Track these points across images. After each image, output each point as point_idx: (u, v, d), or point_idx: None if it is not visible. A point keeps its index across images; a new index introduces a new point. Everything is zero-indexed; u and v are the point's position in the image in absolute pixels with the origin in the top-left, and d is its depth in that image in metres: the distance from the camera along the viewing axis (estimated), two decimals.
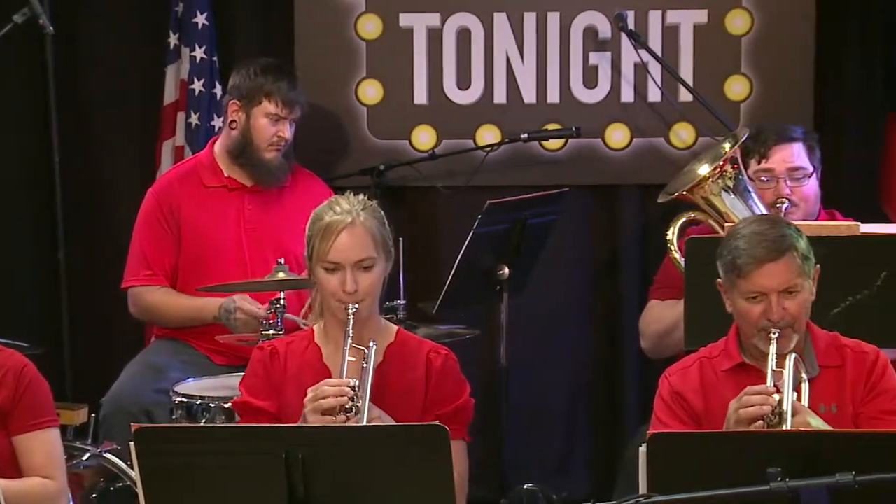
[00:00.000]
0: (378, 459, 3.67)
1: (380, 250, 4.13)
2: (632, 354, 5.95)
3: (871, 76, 6.10)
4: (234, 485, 3.67)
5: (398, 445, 3.69)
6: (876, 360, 4.15)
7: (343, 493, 3.65)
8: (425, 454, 3.65)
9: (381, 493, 3.66)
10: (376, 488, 3.66)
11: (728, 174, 5.10)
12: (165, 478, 3.70)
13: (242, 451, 3.67)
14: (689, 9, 6.05)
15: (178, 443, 3.75)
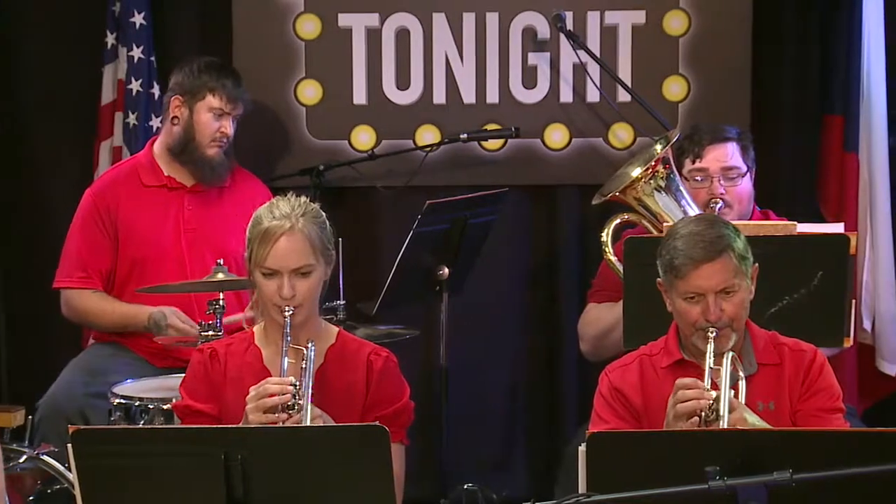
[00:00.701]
0: (318, 460, 3.66)
1: (318, 256, 4.13)
2: (571, 354, 5.97)
3: (806, 77, 6.14)
4: (172, 487, 3.66)
5: (338, 446, 3.69)
6: (813, 359, 4.19)
7: (283, 494, 3.64)
8: (366, 455, 3.64)
9: (321, 494, 3.65)
10: (316, 489, 3.65)
11: (660, 174, 5.13)
12: (103, 480, 3.68)
13: (181, 453, 3.65)
14: (628, 9, 6.07)
15: (116, 444, 3.72)
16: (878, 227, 5.97)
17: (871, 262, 5.98)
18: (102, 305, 5.52)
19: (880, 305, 5.96)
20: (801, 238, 4.83)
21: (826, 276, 4.71)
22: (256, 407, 3.98)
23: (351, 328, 5.14)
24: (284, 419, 3.96)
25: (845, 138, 5.98)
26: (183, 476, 3.64)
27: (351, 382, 4.17)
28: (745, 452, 3.44)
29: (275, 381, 4.03)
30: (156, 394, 5.07)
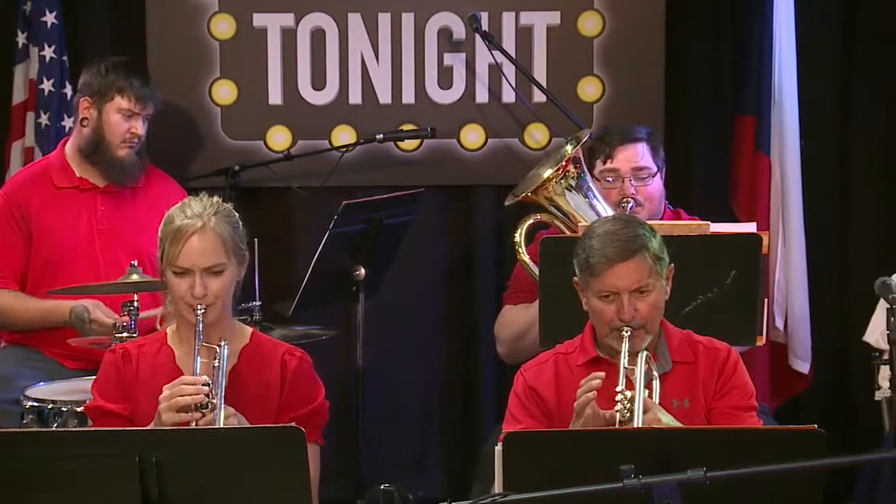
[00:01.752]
0: (234, 461, 3.64)
1: (231, 255, 4.11)
2: (487, 354, 5.97)
3: (719, 77, 6.19)
4: (86, 489, 3.63)
5: (254, 447, 3.67)
6: (728, 357, 4.22)
7: (198, 495, 3.62)
8: (282, 456, 3.63)
9: (237, 495, 3.63)
10: (232, 490, 3.63)
11: (571, 174, 5.15)
12: (15, 483, 3.64)
13: (95, 455, 3.62)
14: (542, 10, 6.09)
15: (29, 447, 3.68)
16: (791, 226, 6.03)
17: (784, 262, 6.03)
18: (17, 303, 5.46)
19: (793, 304, 6.02)
20: (714, 238, 4.87)
21: (739, 275, 4.75)
22: (169, 406, 3.96)
23: (267, 329, 5.12)
24: (198, 419, 3.94)
25: (757, 139, 6.03)
26: (97, 479, 3.61)
27: (265, 382, 4.16)
28: (660, 451, 3.46)
29: (188, 380, 4.01)
30: (69, 396, 5.02)
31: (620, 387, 4.01)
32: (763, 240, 4.84)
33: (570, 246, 4.24)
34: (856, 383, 6.10)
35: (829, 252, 6.26)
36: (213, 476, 3.62)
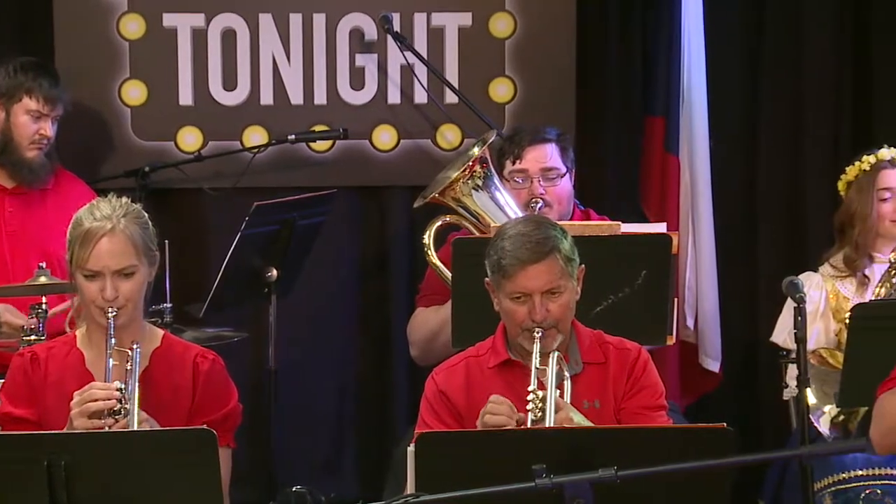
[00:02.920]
0: (144, 465, 3.62)
1: (141, 257, 4.08)
2: (400, 355, 5.98)
3: (629, 79, 6.23)
4: None
5: (165, 450, 3.65)
6: (638, 357, 4.24)
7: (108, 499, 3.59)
8: (193, 459, 3.61)
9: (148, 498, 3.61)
10: (142, 494, 3.61)
11: (477, 174, 5.16)
12: None
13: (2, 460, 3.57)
14: (454, 11, 6.10)
15: None
16: (701, 227, 6.08)
17: (694, 261, 6.08)
18: None
19: (703, 304, 6.06)
20: (624, 238, 4.90)
21: (649, 275, 4.78)
22: (81, 412, 3.92)
23: (178, 331, 5.09)
24: (111, 424, 3.90)
25: (666, 140, 6.07)
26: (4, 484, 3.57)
27: (177, 386, 4.13)
28: (572, 450, 3.48)
29: (100, 385, 3.97)
30: None
31: (532, 386, 4.03)
32: (673, 240, 4.88)
33: (482, 247, 4.25)
34: (764, 382, 6.16)
35: (737, 252, 6.32)
36: (124, 479, 3.59)
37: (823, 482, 5.08)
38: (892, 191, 5.44)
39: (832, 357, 5.37)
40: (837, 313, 5.42)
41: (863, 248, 5.44)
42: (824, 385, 5.27)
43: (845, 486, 5.08)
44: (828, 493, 5.08)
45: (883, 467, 5.04)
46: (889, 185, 5.45)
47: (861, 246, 5.44)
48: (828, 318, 5.42)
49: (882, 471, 5.05)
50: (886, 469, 5.04)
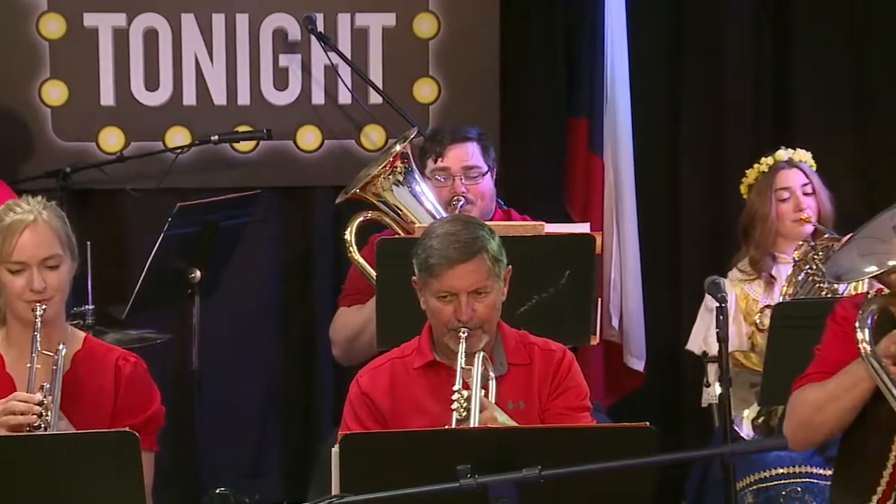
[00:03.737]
0: (65, 468, 3.58)
1: (65, 249, 4.06)
2: (324, 355, 5.96)
3: (553, 80, 6.25)
4: None
5: (87, 454, 3.62)
6: (562, 358, 4.25)
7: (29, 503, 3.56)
8: (115, 463, 3.58)
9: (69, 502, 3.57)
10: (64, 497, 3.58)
11: (398, 170, 5.16)
12: None
13: None
14: (378, 12, 6.10)
15: None
16: (625, 227, 6.11)
17: (618, 262, 6.11)
18: None
19: (627, 303, 6.10)
20: (548, 238, 4.92)
21: (573, 275, 4.80)
22: (1, 423, 3.88)
23: (100, 333, 5.05)
24: None
25: (590, 141, 6.10)
26: None
27: (99, 388, 4.09)
28: (496, 451, 3.48)
29: (22, 397, 3.93)
30: None
31: (457, 386, 4.03)
32: (596, 240, 4.90)
33: (407, 247, 4.25)
34: (687, 381, 6.20)
35: (661, 251, 6.36)
36: (45, 483, 3.56)
37: (745, 481, 5.12)
38: (790, 191, 5.52)
39: (746, 359, 5.42)
40: (748, 315, 5.48)
41: (764, 248, 5.51)
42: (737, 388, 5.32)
43: (766, 484, 5.12)
44: (749, 491, 5.13)
45: (803, 465, 5.10)
46: (787, 185, 5.53)
47: (763, 246, 5.51)
48: (739, 322, 5.47)
49: (802, 468, 5.10)
50: (806, 467, 5.10)
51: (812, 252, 5.40)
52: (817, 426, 3.91)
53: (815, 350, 4.01)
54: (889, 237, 3.76)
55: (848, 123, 6.38)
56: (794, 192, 5.52)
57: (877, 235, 3.80)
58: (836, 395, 3.85)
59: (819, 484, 5.03)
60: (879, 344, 3.76)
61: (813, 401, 3.89)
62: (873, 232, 3.82)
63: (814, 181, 5.55)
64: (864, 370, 3.78)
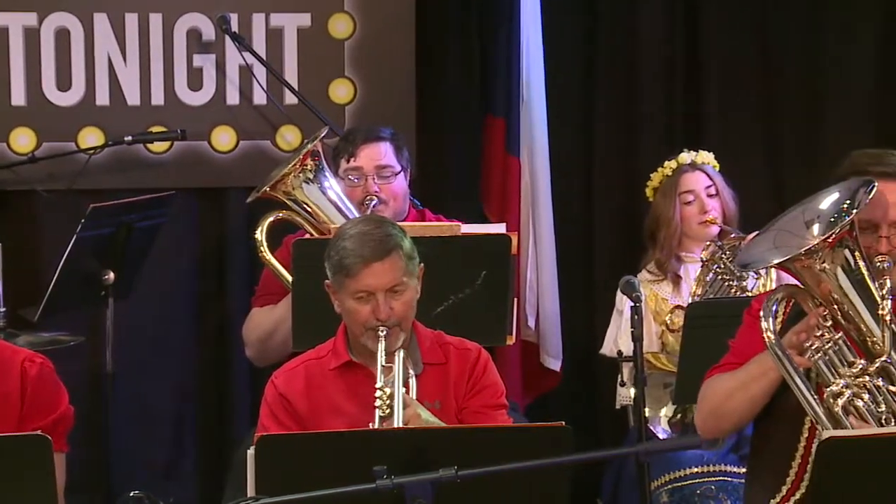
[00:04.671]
0: None
1: None
2: (239, 356, 5.92)
3: (469, 80, 6.27)
4: None
5: None
6: (478, 357, 4.26)
7: None
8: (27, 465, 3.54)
9: None
10: None
11: (309, 168, 5.15)
12: None
13: None
14: (293, 12, 6.08)
15: None
16: (541, 227, 6.13)
17: (535, 262, 6.13)
18: None
19: (544, 303, 6.12)
20: (465, 238, 4.93)
21: (489, 275, 4.81)
22: None
23: (11, 336, 5.00)
24: None
25: (507, 141, 6.11)
26: None
27: (5, 392, 4.04)
28: (414, 451, 3.48)
29: None
30: None
31: (379, 384, 4.03)
32: (512, 240, 4.92)
33: (323, 248, 4.24)
34: (603, 381, 6.22)
35: (577, 252, 6.39)
36: None
37: (660, 480, 5.16)
38: (694, 193, 5.58)
39: (656, 360, 5.47)
40: (658, 316, 5.52)
41: (669, 250, 5.57)
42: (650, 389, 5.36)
43: (681, 483, 5.16)
44: (664, 490, 5.16)
45: (717, 464, 5.14)
46: (691, 188, 5.58)
47: (668, 249, 5.56)
48: (649, 322, 5.51)
49: (716, 467, 5.15)
50: (720, 466, 5.14)
51: (720, 252, 5.45)
52: (726, 414, 3.95)
53: (730, 343, 4.05)
54: (801, 231, 3.81)
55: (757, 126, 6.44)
56: (698, 194, 5.57)
57: (789, 229, 3.85)
58: (745, 384, 3.90)
59: (733, 482, 5.08)
60: (785, 336, 3.81)
61: (723, 389, 3.94)
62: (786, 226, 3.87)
63: (717, 182, 5.60)
64: (772, 359, 3.82)
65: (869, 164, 3.90)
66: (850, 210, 3.74)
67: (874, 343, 3.79)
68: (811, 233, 3.78)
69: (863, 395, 3.76)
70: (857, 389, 3.76)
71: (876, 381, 3.76)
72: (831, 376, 3.77)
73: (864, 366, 3.77)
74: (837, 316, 3.79)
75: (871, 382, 3.76)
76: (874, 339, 3.79)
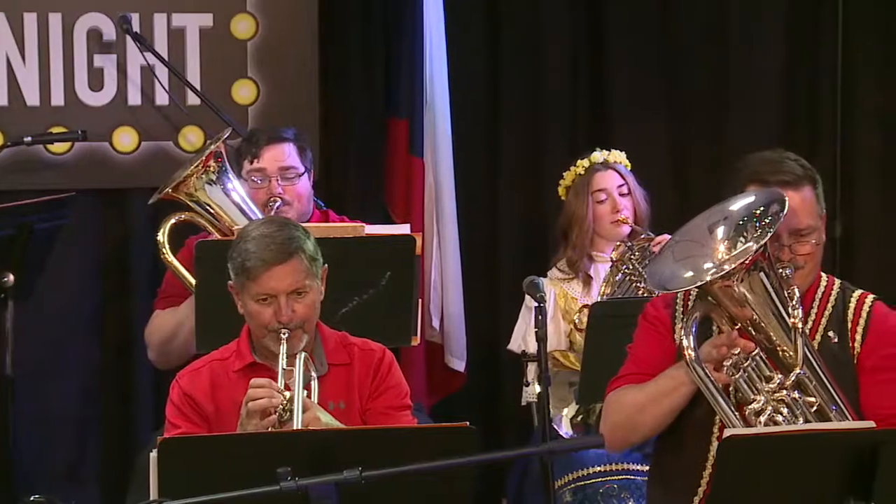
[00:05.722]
0: None
1: None
2: (142, 360, 5.88)
3: (373, 81, 6.27)
4: None
5: None
6: (382, 358, 4.27)
7: None
8: None
9: None
10: None
11: (212, 169, 5.13)
12: None
13: None
14: (195, 12, 6.05)
15: None
16: (445, 228, 6.15)
17: (439, 263, 6.14)
18: None
19: (448, 304, 6.14)
20: (369, 239, 4.93)
21: (394, 276, 4.83)
22: None
23: None
24: None
25: (410, 142, 6.12)
26: None
27: None
28: (318, 452, 3.48)
29: None
30: None
31: (280, 386, 4.02)
32: (417, 241, 4.93)
33: (226, 249, 4.22)
34: (507, 381, 6.25)
35: (481, 252, 6.41)
36: None
37: (564, 479, 5.19)
38: (606, 192, 5.62)
39: (565, 358, 5.50)
40: (567, 314, 5.56)
41: (582, 249, 5.60)
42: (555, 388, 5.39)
43: (584, 482, 5.20)
44: (568, 489, 5.19)
45: (620, 462, 5.18)
46: (603, 187, 5.62)
47: (581, 247, 5.60)
48: (558, 321, 5.55)
49: (619, 466, 5.19)
50: (623, 464, 5.18)
51: (629, 252, 5.50)
52: (636, 427, 3.98)
53: (628, 349, 4.07)
54: (705, 239, 3.84)
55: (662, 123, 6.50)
56: (611, 193, 5.61)
57: (692, 238, 3.87)
58: (656, 398, 3.92)
59: (636, 480, 5.12)
60: (701, 349, 3.82)
61: (632, 403, 3.95)
62: (688, 235, 3.90)
63: (629, 182, 5.64)
64: (685, 374, 3.84)
65: (768, 172, 3.93)
66: (765, 234, 3.74)
67: (786, 354, 3.83)
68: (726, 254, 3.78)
69: (782, 409, 3.80)
70: (777, 404, 3.80)
71: (793, 395, 3.81)
72: (751, 393, 3.81)
73: (782, 380, 3.81)
74: (749, 327, 3.82)
75: (788, 396, 3.80)
76: (785, 350, 3.82)
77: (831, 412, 3.82)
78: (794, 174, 3.93)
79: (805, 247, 3.91)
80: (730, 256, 3.77)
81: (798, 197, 3.90)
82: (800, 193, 3.91)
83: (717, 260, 3.78)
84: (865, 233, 6.50)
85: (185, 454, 3.58)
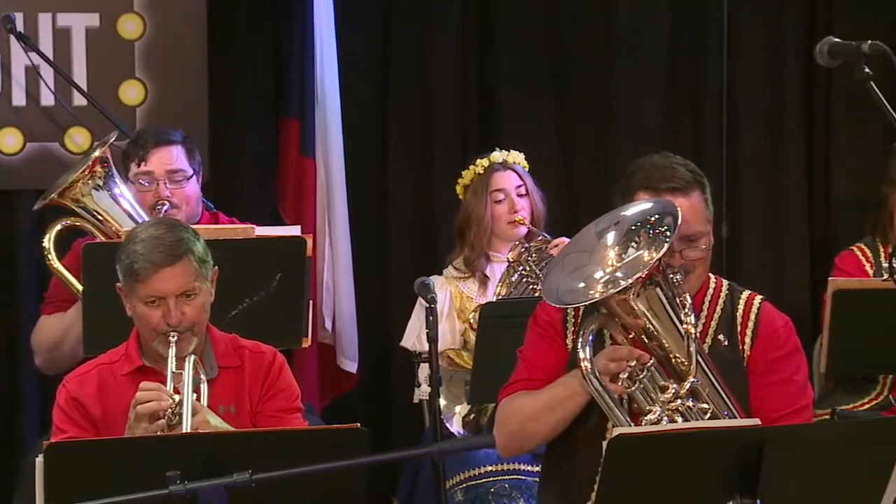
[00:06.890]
0: None
1: None
2: (29, 367, 5.81)
3: (263, 81, 6.24)
4: None
5: None
6: (273, 360, 4.25)
7: None
8: None
9: None
10: None
11: (98, 174, 5.08)
12: None
13: None
14: (81, 12, 5.99)
15: None
16: (337, 229, 6.14)
17: (331, 264, 6.14)
18: None
19: (340, 306, 6.13)
20: (259, 241, 4.91)
21: (284, 277, 4.81)
22: None
23: None
24: None
25: (302, 143, 6.11)
26: None
27: None
28: (208, 455, 3.45)
29: None
30: None
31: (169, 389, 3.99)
32: (308, 242, 4.91)
33: (112, 252, 4.19)
34: (398, 382, 6.26)
35: (372, 252, 6.41)
36: None
37: (455, 479, 5.20)
38: (504, 192, 5.65)
39: (459, 357, 5.52)
40: (462, 313, 5.58)
41: (479, 248, 5.62)
42: (451, 386, 5.41)
43: (476, 482, 5.22)
44: (459, 489, 5.21)
45: (511, 462, 5.20)
46: (502, 187, 5.65)
47: (478, 247, 5.62)
48: (453, 319, 5.57)
49: (510, 466, 5.21)
50: (514, 464, 5.21)
51: (526, 254, 5.52)
52: (530, 435, 3.99)
53: (519, 353, 4.07)
54: (594, 247, 3.84)
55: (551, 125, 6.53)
56: (509, 193, 5.64)
57: (581, 248, 3.88)
58: (550, 407, 3.93)
59: (527, 480, 5.15)
60: (596, 361, 3.82)
61: (527, 410, 3.96)
62: (578, 244, 3.91)
63: (527, 182, 5.67)
64: (579, 385, 3.85)
65: (658, 179, 3.94)
66: (660, 246, 3.74)
67: (679, 361, 3.85)
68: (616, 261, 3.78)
69: (676, 418, 3.82)
70: (672, 413, 3.82)
71: (687, 403, 3.83)
72: (647, 403, 3.83)
73: (676, 390, 3.82)
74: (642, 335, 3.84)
75: (683, 405, 3.83)
76: (679, 357, 3.85)
77: (724, 418, 3.85)
78: (683, 180, 3.95)
79: (695, 252, 3.94)
80: (621, 264, 3.78)
81: (687, 203, 3.92)
82: (689, 200, 3.93)
83: (607, 268, 3.79)
84: (750, 231, 6.58)
85: (71, 459, 3.54)
